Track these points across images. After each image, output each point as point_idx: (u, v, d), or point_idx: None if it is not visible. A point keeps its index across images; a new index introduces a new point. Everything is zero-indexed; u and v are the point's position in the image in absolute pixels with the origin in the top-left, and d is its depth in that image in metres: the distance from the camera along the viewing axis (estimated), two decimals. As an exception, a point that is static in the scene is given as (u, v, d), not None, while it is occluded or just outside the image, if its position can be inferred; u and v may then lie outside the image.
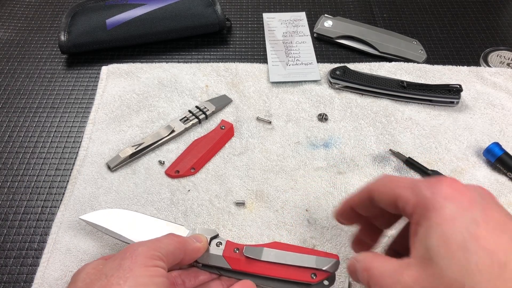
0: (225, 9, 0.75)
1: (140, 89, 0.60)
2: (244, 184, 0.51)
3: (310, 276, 0.38)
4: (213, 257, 0.39)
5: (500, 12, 0.75)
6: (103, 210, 0.44)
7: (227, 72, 0.63)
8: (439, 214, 0.26)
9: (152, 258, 0.31)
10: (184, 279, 0.38)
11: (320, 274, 0.38)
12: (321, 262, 0.38)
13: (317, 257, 0.38)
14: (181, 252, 0.35)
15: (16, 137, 0.56)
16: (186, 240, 0.37)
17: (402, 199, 0.29)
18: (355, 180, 0.51)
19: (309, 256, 0.38)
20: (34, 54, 0.67)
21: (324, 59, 0.66)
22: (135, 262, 0.30)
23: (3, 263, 0.45)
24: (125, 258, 0.31)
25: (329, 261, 0.38)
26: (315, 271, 0.38)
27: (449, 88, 0.58)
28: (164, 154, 0.53)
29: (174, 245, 0.34)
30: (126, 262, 0.30)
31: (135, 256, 0.31)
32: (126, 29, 0.65)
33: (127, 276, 0.29)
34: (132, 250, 0.31)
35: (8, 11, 0.74)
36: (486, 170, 0.52)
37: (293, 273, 0.38)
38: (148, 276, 0.30)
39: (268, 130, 0.56)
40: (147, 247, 0.32)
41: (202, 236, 0.39)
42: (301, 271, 0.38)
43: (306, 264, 0.38)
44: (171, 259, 0.34)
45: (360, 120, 0.57)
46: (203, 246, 0.38)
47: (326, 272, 0.38)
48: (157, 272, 0.31)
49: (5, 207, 0.49)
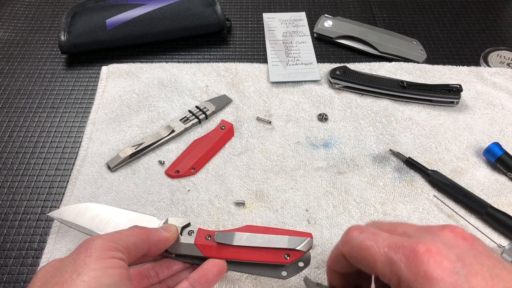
0: (225, 9, 0.75)
1: (140, 89, 0.60)
2: (244, 184, 0.51)
3: (283, 256, 0.37)
4: (185, 246, 0.38)
5: (500, 12, 0.75)
6: (72, 205, 0.43)
7: (227, 72, 0.63)
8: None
9: (108, 249, 0.31)
10: (157, 271, 0.38)
11: (293, 254, 0.37)
12: (293, 242, 0.37)
13: (289, 237, 0.37)
14: (145, 243, 0.34)
15: (16, 137, 0.56)
16: (151, 231, 0.36)
17: (378, 271, 0.27)
18: (355, 180, 0.51)
19: (282, 237, 0.37)
20: (34, 54, 0.67)
21: (324, 59, 0.66)
22: (90, 255, 0.30)
23: (3, 263, 0.45)
24: (80, 252, 0.30)
25: (302, 240, 0.37)
26: (288, 251, 0.37)
27: (449, 88, 0.58)
28: (164, 154, 0.53)
29: (136, 236, 0.34)
30: (81, 256, 0.30)
31: (90, 249, 0.30)
32: (126, 29, 0.65)
33: (80, 270, 0.29)
34: (87, 244, 0.31)
35: (8, 11, 0.74)
36: (486, 170, 0.52)
37: (266, 256, 0.37)
38: (102, 268, 0.29)
39: (268, 130, 0.56)
40: (103, 239, 0.31)
41: (171, 226, 0.38)
42: (274, 253, 0.37)
43: (279, 245, 0.37)
44: (134, 250, 0.33)
45: (360, 120, 0.57)
46: (171, 235, 0.37)
47: (300, 251, 0.37)
48: (113, 263, 0.30)
49: (5, 207, 0.49)
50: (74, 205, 0.43)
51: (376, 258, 0.27)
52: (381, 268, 0.27)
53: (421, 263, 0.25)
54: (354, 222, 0.47)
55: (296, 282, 0.43)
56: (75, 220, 0.42)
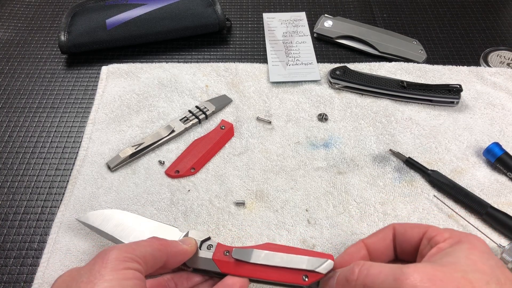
0: (225, 9, 0.75)
1: (140, 89, 0.60)
2: (244, 184, 0.51)
3: (301, 278, 0.36)
4: (203, 260, 0.38)
5: (500, 12, 0.75)
6: (99, 210, 0.44)
7: (227, 72, 0.63)
8: None
9: (124, 260, 0.31)
10: (176, 282, 0.38)
11: (312, 276, 0.36)
12: (313, 263, 0.36)
13: (309, 257, 0.36)
14: (163, 255, 0.34)
15: (16, 137, 0.56)
16: (170, 243, 0.36)
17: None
18: (355, 180, 0.51)
19: (301, 257, 0.36)
20: (34, 54, 0.67)
21: (324, 59, 0.66)
22: (105, 267, 0.30)
23: (3, 263, 0.45)
24: (96, 263, 0.30)
25: (322, 262, 0.36)
26: (307, 272, 0.36)
27: (449, 88, 0.58)
28: (164, 154, 0.53)
29: (153, 247, 0.34)
30: (96, 267, 0.30)
31: (106, 260, 0.30)
32: (126, 29, 0.65)
33: (95, 281, 0.29)
34: (104, 254, 0.31)
35: (8, 11, 0.74)
36: (486, 170, 0.52)
37: (283, 275, 0.36)
38: (117, 280, 0.29)
39: (268, 130, 0.56)
40: (120, 250, 0.32)
41: (191, 239, 0.38)
42: (292, 273, 0.36)
43: (297, 265, 0.36)
44: (151, 262, 0.33)
45: (360, 120, 0.57)
46: (190, 248, 0.37)
47: (319, 273, 0.35)
48: (128, 274, 0.30)
49: (5, 207, 0.49)
50: (100, 211, 0.43)
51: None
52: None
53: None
54: (354, 222, 0.47)
55: None
56: (100, 226, 0.42)
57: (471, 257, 0.29)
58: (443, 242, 0.32)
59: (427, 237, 0.33)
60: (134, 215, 0.43)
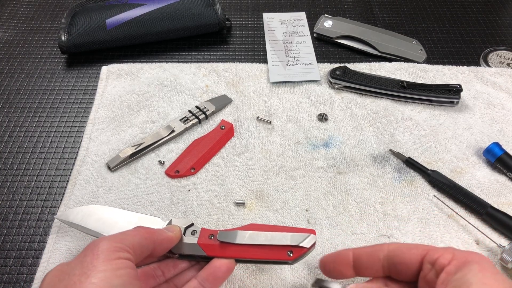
0: (225, 9, 0.75)
1: (140, 89, 0.60)
2: (244, 184, 0.51)
3: (286, 254, 0.37)
4: (188, 246, 0.38)
5: (500, 12, 0.75)
6: (78, 208, 0.43)
7: (227, 72, 0.63)
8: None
9: (115, 250, 0.31)
10: (163, 270, 0.38)
11: (296, 251, 0.37)
12: (296, 238, 0.37)
13: (292, 233, 0.37)
14: (150, 243, 0.35)
15: (16, 137, 0.56)
16: (155, 231, 0.36)
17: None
18: (355, 180, 0.51)
19: (284, 234, 0.37)
20: (34, 54, 0.67)
21: (324, 59, 0.66)
22: (97, 258, 0.30)
23: (3, 263, 0.45)
24: (86, 255, 0.30)
25: (305, 236, 0.37)
26: (291, 248, 0.37)
27: (449, 88, 0.58)
28: (164, 154, 0.53)
29: (140, 236, 0.34)
30: (87, 259, 0.30)
31: (97, 251, 0.30)
32: (126, 29, 0.65)
33: (88, 273, 0.29)
34: (94, 246, 0.31)
35: (8, 11, 0.74)
36: (486, 170, 0.52)
37: (269, 253, 0.37)
38: (111, 270, 0.29)
39: (268, 130, 0.56)
40: (109, 240, 0.32)
41: (174, 226, 0.39)
42: (277, 250, 0.37)
43: (282, 242, 0.37)
44: (139, 250, 0.33)
45: (360, 120, 0.57)
46: (175, 235, 0.38)
47: (303, 247, 0.37)
48: (121, 264, 0.30)
49: (5, 207, 0.49)
50: (79, 208, 0.43)
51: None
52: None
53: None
54: (354, 222, 0.47)
55: (297, 284, 0.43)
56: (81, 222, 0.42)
57: (486, 281, 0.28)
58: (448, 265, 0.31)
59: (429, 260, 0.32)
60: (114, 208, 0.43)
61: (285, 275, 0.43)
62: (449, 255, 0.31)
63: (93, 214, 0.42)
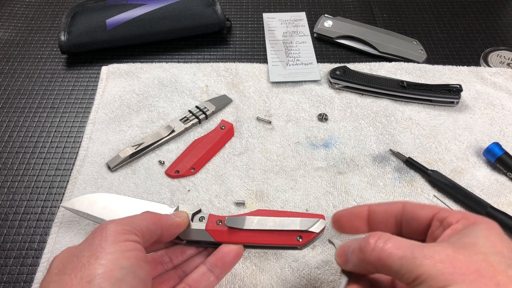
0: (225, 9, 0.75)
1: (140, 89, 0.60)
2: (244, 184, 0.51)
3: (295, 239, 0.36)
4: (196, 231, 0.38)
5: (500, 12, 0.75)
6: (83, 196, 0.43)
7: (227, 72, 0.63)
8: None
9: (123, 233, 0.31)
10: (170, 256, 0.38)
11: (306, 236, 0.36)
12: (305, 223, 0.36)
13: (301, 218, 0.37)
14: (158, 228, 0.34)
15: (16, 137, 0.56)
16: (162, 216, 0.36)
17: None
18: (355, 180, 0.51)
19: (293, 219, 0.37)
20: (34, 54, 0.67)
21: (324, 59, 0.66)
22: (106, 240, 0.30)
23: (3, 263, 0.45)
24: (95, 237, 0.30)
25: (314, 221, 0.36)
26: (300, 233, 0.36)
27: (449, 88, 0.58)
28: (164, 154, 0.53)
29: (148, 220, 0.34)
30: (96, 241, 0.30)
31: (105, 234, 0.30)
32: (126, 29, 0.65)
33: (97, 255, 0.29)
34: (102, 228, 0.31)
35: (8, 11, 0.74)
36: (486, 170, 0.52)
37: (278, 238, 0.36)
38: (120, 251, 0.29)
39: (268, 130, 0.56)
40: (117, 223, 0.32)
41: (182, 212, 0.39)
42: (286, 235, 0.36)
43: (290, 227, 0.36)
44: (147, 234, 0.33)
45: (360, 120, 0.57)
46: (183, 221, 0.37)
47: (312, 232, 0.36)
48: (129, 246, 0.30)
49: (5, 207, 0.49)
50: (85, 196, 0.43)
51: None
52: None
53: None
54: (354, 222, 0.47)
55: (297, 284, 0.43)
56: (87, 209, 0.42)
57: (491, 238, 0.28)
58: (456, 223, 0.30)
59: (439, 218, 0.32)
60: (120, 196, 0.43)
61: (285, 275, 0.43)
62: (459, 215, 0.31)
63: (99, 201, 0.42)
